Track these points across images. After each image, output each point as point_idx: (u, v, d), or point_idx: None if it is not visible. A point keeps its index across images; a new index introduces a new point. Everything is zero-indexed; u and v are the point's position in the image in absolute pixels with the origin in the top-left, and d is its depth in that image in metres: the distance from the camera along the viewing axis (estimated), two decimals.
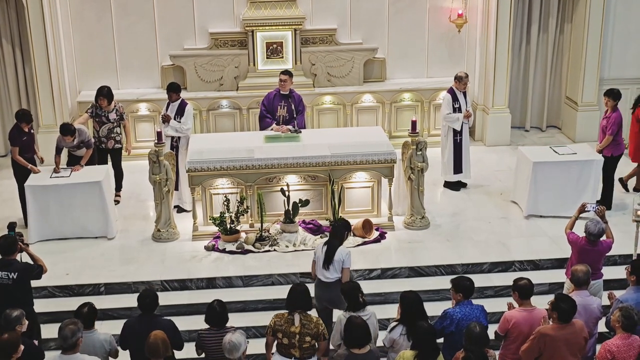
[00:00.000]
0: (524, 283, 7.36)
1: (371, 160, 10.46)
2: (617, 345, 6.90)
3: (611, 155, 10.96)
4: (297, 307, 7.18)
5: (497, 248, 10.15)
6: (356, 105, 13.42)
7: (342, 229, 8.45)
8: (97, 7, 13.04)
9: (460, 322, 7.18)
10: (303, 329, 7.12)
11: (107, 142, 11.36)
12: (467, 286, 7.33)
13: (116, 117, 11.33)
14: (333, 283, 8.13)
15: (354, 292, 7.29)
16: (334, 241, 8.29)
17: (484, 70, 13.54)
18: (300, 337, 7.11)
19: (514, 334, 7.27)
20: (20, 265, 7.88)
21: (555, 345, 6.96)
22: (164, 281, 9.48)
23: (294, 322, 7.14)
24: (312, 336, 7.12)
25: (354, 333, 6.67)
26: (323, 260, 8.19)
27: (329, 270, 8.17)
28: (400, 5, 13.52)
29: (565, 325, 7.01)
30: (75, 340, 6.58)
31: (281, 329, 7.17)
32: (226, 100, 13.19)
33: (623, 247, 9.64)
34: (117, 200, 11.47)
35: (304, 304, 7.19)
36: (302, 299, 7.20)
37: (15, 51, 13.03)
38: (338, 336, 7.22)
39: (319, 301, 8.31)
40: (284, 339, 7.17)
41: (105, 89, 11.28)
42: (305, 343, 7.13)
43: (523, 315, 7.29)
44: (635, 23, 13.71)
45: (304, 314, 7.18)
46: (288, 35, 13.06)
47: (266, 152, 10.49)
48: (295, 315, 7.15)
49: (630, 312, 6.94)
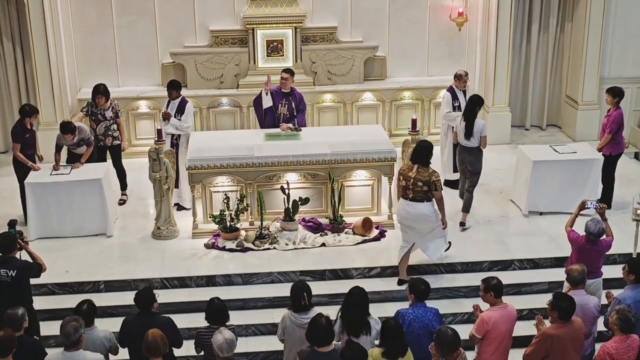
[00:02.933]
0: (497, 282, 7.34)
1: (371, 159, 10.47)
2: (616, 347, 6.90)
3: (610, 154, 10.96)
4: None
5: (497, 247, 10.16)
6: (356, 103, 13.42)
7: (475, 104, 10.51)
8: (98, 4, 13.03)
9: (412, 323, 7.21)
10: (417, 175, 9.05)
11: (104, 139, 11.34)
12: (420, 289, 7.34)
13: (112, 114, 11.32)
14: (474, 148, 10.55)
15: (297, 293, 7.27)
16: (470, 115, 10.49)
17: (485, 69, 13.53)
18: (414, 181, 8.97)
19: (494, 334, 7.26)
20: (20, 263, 7.88)
21: (562, 344, 6.98)
22: (164, 279, 9.49)
23: (412, 169, 9.08)
24: (423, 182, 9.03)
25: (317, 332, 6.65)
26: (464, 132, 10.47)
27: (469, 140, 10.47)
28: (401, 4, 13.52)
29: (566, 324, 7.02)
30: (78, 337, 6.59)
31: (403, 173, 9.18)
32: (226, 98, 13.19)
33: (623, 246, 9.65)
34: (124, 200, 11.46)
35: (423, 159, 9.18)
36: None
37: (16, 48, 13.04)
38: (281, 332, 7.34)
39: (462, 164, 10.76)
40: (403, 181, 9.16)
41: (101, 86, 11.26)
42: (417, 187, 8.98)
43: (500, 313, 7.29)
44: (635, 23, 13.72)
45: (421, 166, 9.08)
46: (288, 33, 13.06)
47: (266, 150, 10.49)
48: (414, 165, 9.14)
49: (627, 313, 6.93)
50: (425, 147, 9.25)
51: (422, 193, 9.12)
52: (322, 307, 7.78)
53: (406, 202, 9.22)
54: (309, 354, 6.64)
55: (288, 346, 7.32)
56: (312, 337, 6.66)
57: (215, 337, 6.68)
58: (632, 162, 13.09)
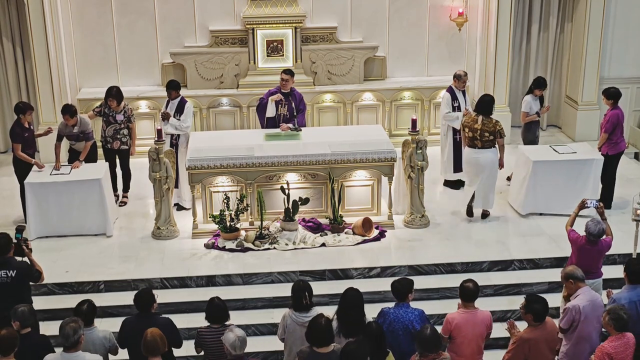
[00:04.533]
0: (467, 286, 7.31)
1: (371, 159, 10.47)
2: (614, 346, 6.90)
3: (607, 154, 10.96)
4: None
5: (497, 247, 10.16)
6: (356, 103, 13.43)
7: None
8: (98, 4, 13.03)
9: (393, 322, 7.21)
10: (483, 127, 10.30)
11: (112, 142, 11.30)
12: (396, 288, 7.34)
13: (123, 118, 11.26)
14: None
15: (299, 292, 7.29)
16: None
17: (484, 69, 13.53)
18: (480, 132, 10.29)
19: (458, 338, 7.26)
20: (19, 264, 7.87)
21: (539, 347, 7.00)
22: (164, 279, 9.49)
23: (477, 122, 10.34)
24: (490, 132, 10.31)
25: (317, 333, 6.65)
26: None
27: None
28: (401, 4, 13.52)
29: (540, 325, 7.02)
30: (77, 338, 6.59)
31: (469, 126, 10.43)
32: (226, 98, 13.19)
33: (623, 246, 9.65)
34: (124, 202, 11.46)
35: (487, 111, 10.49)
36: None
37: (16, 48, 13.04)
38: (282, 331, 7.37)
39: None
40: (469, 133, 10.41)
41: (114, 89, 11.21)
42: (485, 137, 10.31)
43: (465, 317, 7.28)
44: (635, 23, 13.72)
45: (485, 118, 10.27)
46: (288, 33, 13.06)
47: (266, 150, 10.49)
48: (478, 116, 10.33)
49: (619, 312, 6.94)
50: (488, 100, 10.64)
51: (489, 142, 10.43)
52: (322, 307, 7.78)
53: (474, 151, 10.57)
54: (309, 354, 6.65)
55: (288, 345, 7.33)
56: (312, 337, 6.67)
57: (227, 335, 6.66)
58: (632, 162, 13.09)
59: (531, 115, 11.71)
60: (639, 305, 7.61)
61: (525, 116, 11.73)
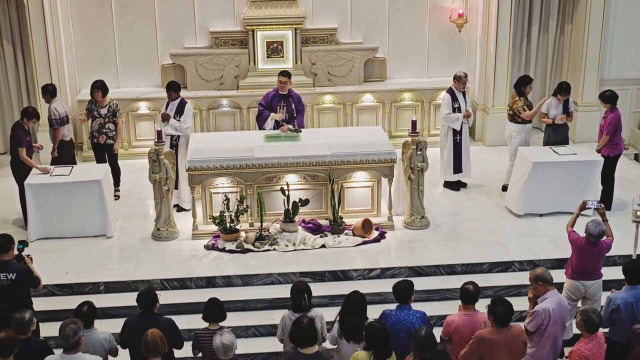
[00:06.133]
0: (468, 288, 7.31)
1: (371, 160, 10.47)
2: (589, 348, 6.96)
3: (608, 155, 10.97)
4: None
5: (497, 248, 10.16)
6: (356, 104, 13.43)
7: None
8: (98, 5, 13.04)
9: (394, 324, 7.20)
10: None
11: (98, 137, 11.38)
12: (397, 290, 7.34)
13: (107, 112, 11.32)
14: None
15: (298, 293, 7.30)
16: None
17: (484, 70, 13.54)
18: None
19: (456, 339, 7.25)
20: (19, 267, 7.86)
21: (495, 349, 6.93)
22: (164, 280, 9.48)
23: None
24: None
25: (300, 334, 6.66)
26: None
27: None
28: (401, 5, 13.52)
29: (502, 329, 6.96)
30: (77, 340, 6.59)
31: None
32: (226, 99, 13.20)
33: (623, 248, 9.65)
34: (117, 196, 11.48)
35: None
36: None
37: (16, 49, 13.04)
38: (281, 332, 7.38)
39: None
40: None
41: (98, 82, 11.35)
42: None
43: (463, 319, 7.27)
44: (635, 23, 13.72)
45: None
46: (288, 34, 13.06)
47: (266, 151, 10.49)
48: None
49: (590, 315, 7.00)
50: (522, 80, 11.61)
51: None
52: (322, 309, 7.82)
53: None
54: (293, 355, 6.66)
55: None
56: (295, 338, 6.68)
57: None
58: (632, 164, 13.09)
59: (549, 118, 11.49)
60: (635, 305, 7.63)
61: (543, 116, 11.57)
